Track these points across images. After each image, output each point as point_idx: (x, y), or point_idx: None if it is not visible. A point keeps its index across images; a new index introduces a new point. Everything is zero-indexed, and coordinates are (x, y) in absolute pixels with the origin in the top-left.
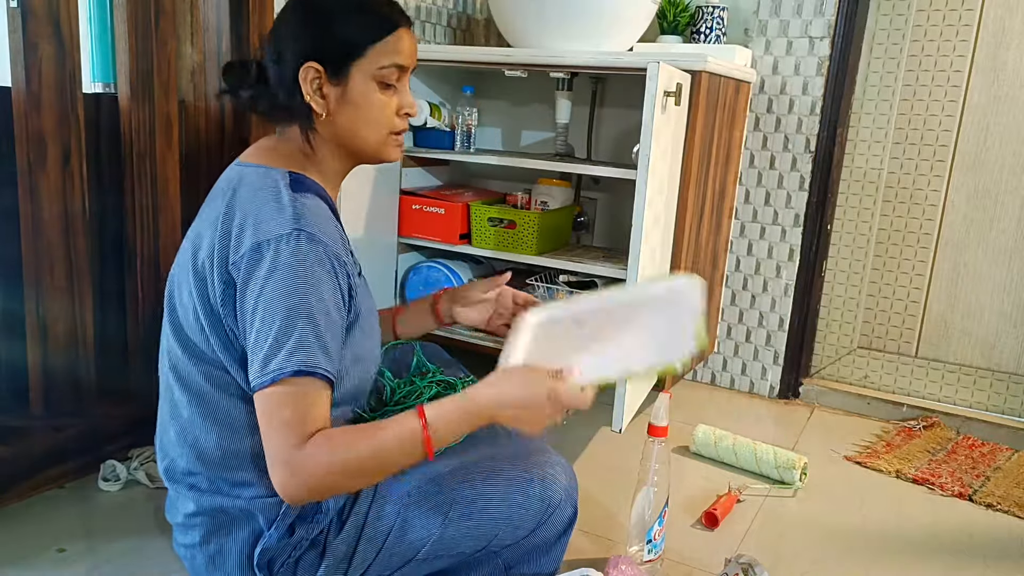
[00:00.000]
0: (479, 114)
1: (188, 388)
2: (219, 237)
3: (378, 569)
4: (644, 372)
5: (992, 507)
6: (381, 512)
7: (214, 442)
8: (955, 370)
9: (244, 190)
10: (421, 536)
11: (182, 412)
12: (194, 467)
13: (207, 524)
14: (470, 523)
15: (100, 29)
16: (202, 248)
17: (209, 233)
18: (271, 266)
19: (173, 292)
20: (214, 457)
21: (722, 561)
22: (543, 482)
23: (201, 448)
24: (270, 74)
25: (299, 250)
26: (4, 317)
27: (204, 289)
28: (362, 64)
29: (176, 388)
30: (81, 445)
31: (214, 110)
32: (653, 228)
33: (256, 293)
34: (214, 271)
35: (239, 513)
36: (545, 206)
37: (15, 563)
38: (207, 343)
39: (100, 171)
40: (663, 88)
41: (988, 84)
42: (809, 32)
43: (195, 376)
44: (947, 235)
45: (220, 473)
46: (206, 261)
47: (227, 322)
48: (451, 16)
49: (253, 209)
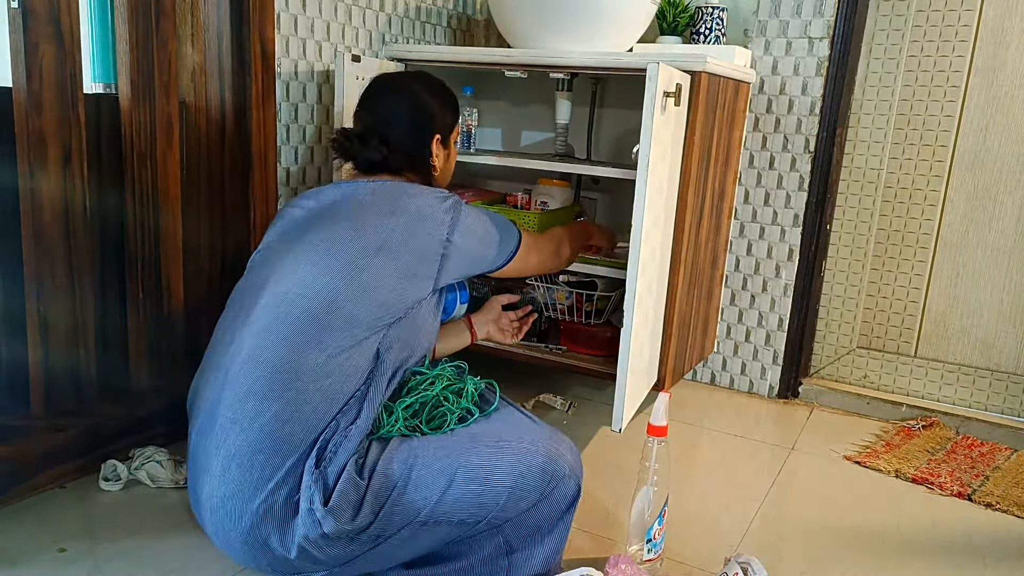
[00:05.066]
0: (479, 114)
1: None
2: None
3: (379, 527)
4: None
5: (991, 507)
6: (389, 469)
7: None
8: (954, 370)
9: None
10: (424, 496)
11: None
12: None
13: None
14: (473, 488)
15: (101, 29)
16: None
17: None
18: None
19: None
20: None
21: (722, 560)
22: (548, 455)
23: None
24: (401, 142)
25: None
26: (5, 317)
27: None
28: (453, 135)
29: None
30: (81, 445)
31: (214, 110)
32: (653, 228)
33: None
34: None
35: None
36: (545, 206)
37: (15, 563)
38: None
39: (101, 171)
40: (663, 88)
41: (987, 84)
42: (808, 32)
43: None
44: (946, 235)
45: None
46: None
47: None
48: (451, 16)
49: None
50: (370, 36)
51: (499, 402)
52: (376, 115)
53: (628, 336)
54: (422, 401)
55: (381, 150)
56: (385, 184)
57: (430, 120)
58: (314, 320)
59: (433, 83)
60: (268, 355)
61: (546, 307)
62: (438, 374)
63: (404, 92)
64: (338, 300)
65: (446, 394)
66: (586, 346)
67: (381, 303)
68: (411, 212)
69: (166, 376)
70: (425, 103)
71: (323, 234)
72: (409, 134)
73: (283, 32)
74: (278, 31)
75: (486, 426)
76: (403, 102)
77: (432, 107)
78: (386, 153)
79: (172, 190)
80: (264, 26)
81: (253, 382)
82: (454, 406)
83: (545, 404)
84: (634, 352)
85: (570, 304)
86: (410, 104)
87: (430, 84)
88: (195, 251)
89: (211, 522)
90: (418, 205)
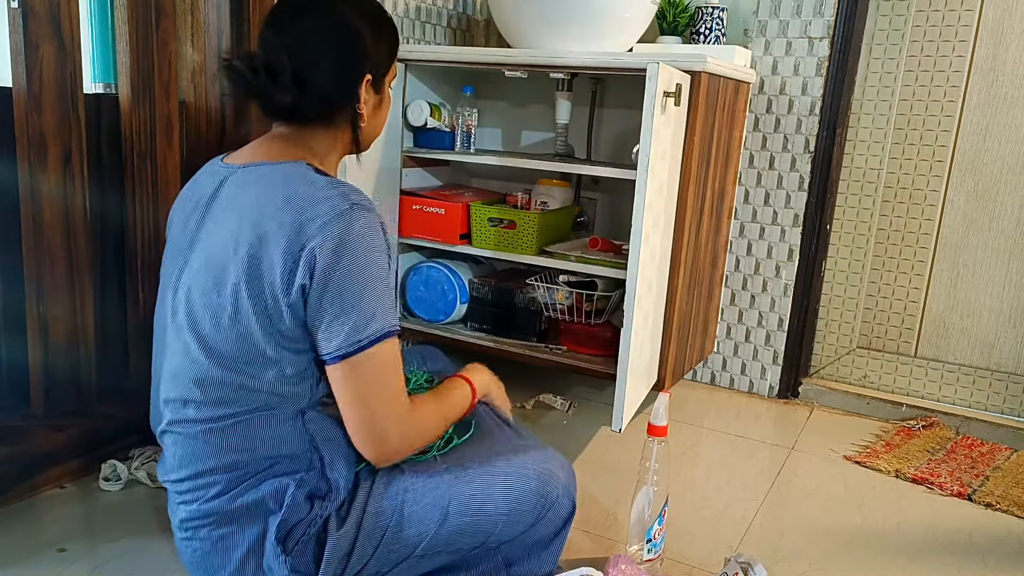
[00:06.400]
0: (479, 114)
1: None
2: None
3: (376, 565)
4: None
5: (991, 506)
6: (380, 508)
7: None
8: (954, 370)
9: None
10: (419, 532)
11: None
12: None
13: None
14: (468, 519)
15: (101, 29)
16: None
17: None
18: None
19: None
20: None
21: (722, 560)
22: (540, 478)
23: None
24: (321, 83)
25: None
26: (5, 317)
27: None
28: (389, 76)
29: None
30: (81, 445)
31: (215, 110)
32: (653, 229)
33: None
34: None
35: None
36: (545, 206)
37: (15, 563)
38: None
39: (101, 171)
40: (663, 88)
41: (987, 84)
42: (808, 32)
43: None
44: (946, 235)
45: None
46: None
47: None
48: (451, 16)
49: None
50: None
51: (480, 420)
52: (289, 42)
53: (628, 336)
54: None
55: (292, 92)
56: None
57: (361, 55)
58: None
59: (366, 4)
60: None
61: (546, 307)
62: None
63: (328, 14)
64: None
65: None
66: (586, 346)
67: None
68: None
69: None
70: (356, 32)
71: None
72: (332, 73)
73: None
74: None
75: (475, 448)
76: (326, 28)
77: (365, 38)
78: (298, 96)
79: (172, 190)
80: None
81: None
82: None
83: (545, 404)
84: (634, 352)
85: (570, 304)
86: (335, 32)
87: (362, 5)
88: None
89: (188, 567)
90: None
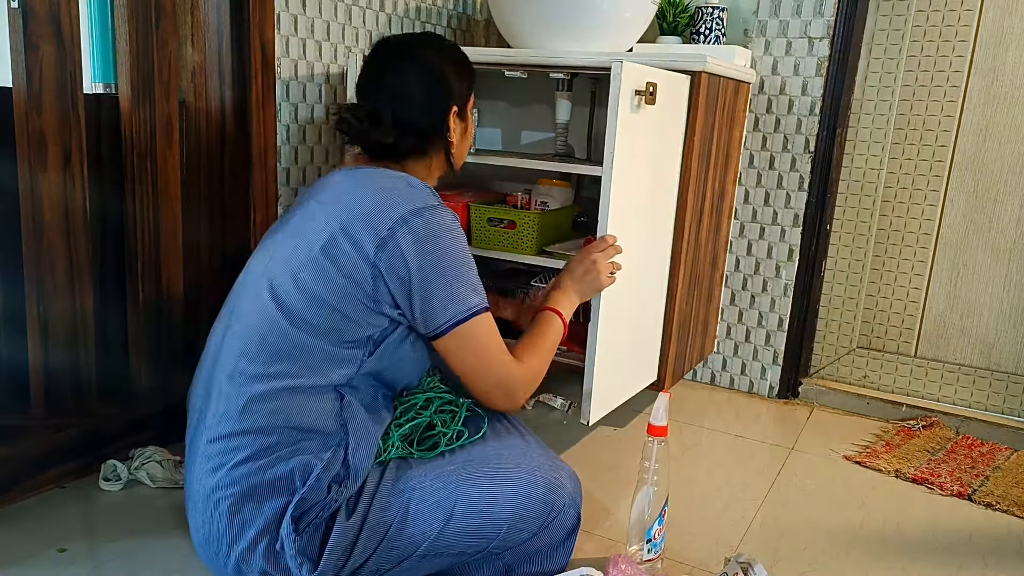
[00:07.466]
0: (479, 114)
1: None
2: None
3: (378, 562)
4: None
5: (991, 507)
6: (386, 503)
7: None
8: (954, 370)
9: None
10: (422, 531)
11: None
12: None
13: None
14: (473, 522)
15: (101, 29)
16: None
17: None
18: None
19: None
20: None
21: (722, 560)
22: (547, 485)
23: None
24: (416, 122)
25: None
26: (5, 317)
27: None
28: (470, 104)
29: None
30: (81, 445)
31: (215, 110)
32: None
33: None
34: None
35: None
36: (545, 206)
37: (15, 563)
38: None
39: (101, 171)
40: (632, 87)
41: (987, 84)
42: (808, 32)
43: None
44: (946, 235)
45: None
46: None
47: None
48: (451, 16)
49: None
50: (370, 36)
51: (489, 422)
52: (385, 90)
53: (596, 328)
54: (413, 426)
55: (393, 132)
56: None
57: (447, 92)
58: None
59: (446, 46)
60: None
61: None
62: (430, 397)
63: (415, 60)
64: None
65: (442, 418)
66: (586, 346)
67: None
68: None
69: (166, 376)
70: (441, 72)
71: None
72: (424, 111)
73: (283, 32)
74: (278, 31)
75: (482, 450)
76: (415, 73)
77: (448, 76)
78: (399, 136)
79: (172, 190)
80: (264, 26)
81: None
82: (447, 428)
83: (545, 404)
84: (604, 344)
85: None
86: (423, 75)
87: (443, 47)
88: (195, 251)
89: (196, 543)
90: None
